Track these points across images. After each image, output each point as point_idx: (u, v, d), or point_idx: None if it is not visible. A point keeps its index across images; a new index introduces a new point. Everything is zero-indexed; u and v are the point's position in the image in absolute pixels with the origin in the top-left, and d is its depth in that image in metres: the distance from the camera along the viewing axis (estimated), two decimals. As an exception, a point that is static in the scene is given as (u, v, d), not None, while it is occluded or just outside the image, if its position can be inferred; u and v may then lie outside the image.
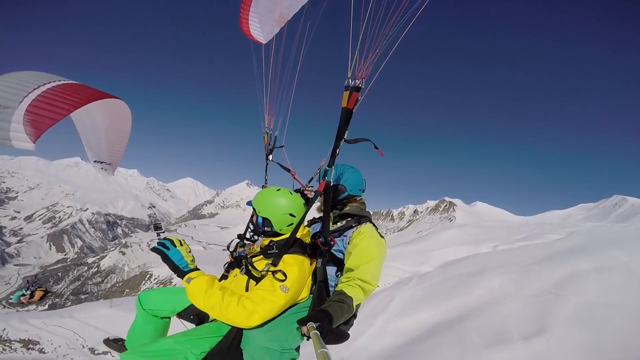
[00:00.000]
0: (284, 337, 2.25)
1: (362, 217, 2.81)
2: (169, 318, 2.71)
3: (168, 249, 2.36)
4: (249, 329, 2.24)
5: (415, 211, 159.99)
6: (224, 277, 2.69)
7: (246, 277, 2.42)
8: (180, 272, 2.30)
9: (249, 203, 2.72)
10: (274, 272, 2.29)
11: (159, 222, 3.74)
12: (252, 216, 2.79)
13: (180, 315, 2.66)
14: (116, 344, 2.91)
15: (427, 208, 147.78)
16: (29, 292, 10.83)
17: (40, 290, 10.95)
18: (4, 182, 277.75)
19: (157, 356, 2.16)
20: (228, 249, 2.83)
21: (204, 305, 2.20)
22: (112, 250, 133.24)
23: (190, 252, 2.44)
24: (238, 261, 2.61)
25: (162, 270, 79.54)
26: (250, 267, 2.44)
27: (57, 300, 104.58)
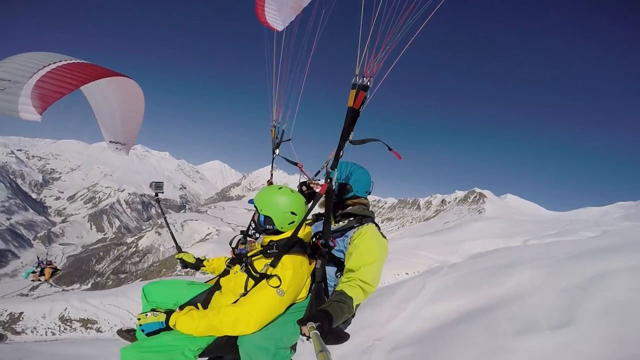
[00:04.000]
0: (278, 336, 2.29)
1: (364, 217, 2.81)
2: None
3: (143, 330, 2.38)
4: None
5: (443, 201, 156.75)
6: (226, 272, 2.74)
7: (245, 276, 2.45)
8: (166, 327, 2.34)
9: (251, 201, 2.73)
10: (269, 277, 2.31)
11: (160, 182, 3.95)
12: (254, 214, 2.82)
13: (182, 308, 2.61)
14: (129, 334, 2.98)
15: (456, 198, 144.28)
16: (39, 269, 10.89)
17: (49, 268, 11.03)
18: (49, 164, 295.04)
19: (155, 351, 2.21)
20: (230, 244, 2.88)
21: (200, 334, 2.27)
22: (149, 231, 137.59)
23: (155, 312, 2.42)
24: (239, 258, 2.64)
25: (196, 251, 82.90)
26: (249, 267, 2.47)
27: (98, 279, 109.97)
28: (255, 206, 2.69)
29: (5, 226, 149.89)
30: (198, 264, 3.32)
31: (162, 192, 3.95)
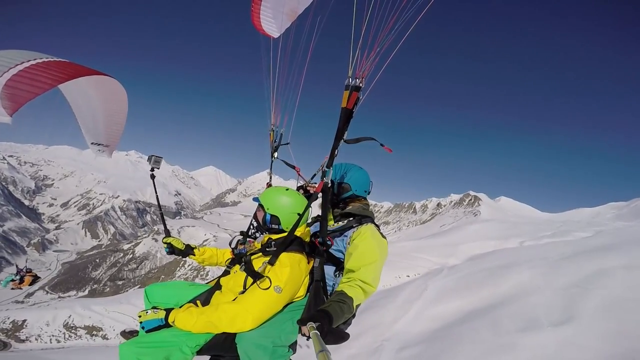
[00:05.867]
0: (276, 334, 2.29)
1: (363, 217, 2.78)
2: None
3: (144, 327, 2.39)
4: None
5: (439, 204, 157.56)
6: (226, 272, 2.76)
7: (245, 274, 2.47)
8: (165, 324, 2.36)
9: (256, 199, 2.73)
10: (262, 278, 2.33)
11: (159, 157, 3.66)
12: (256, 212, 2.80)
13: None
14: (132, 335, 2.91)
15: (451, 202, 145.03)
16: (18, 277, 10.90)
17: (29, 276, 11.03)
18: (41, 170, 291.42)
19: (153, 347, 2.22)
20: (230, 245, 2.90)
21: (199, 331, 2.29)
22: (145, 237, 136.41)
23: (155, 309, 2.43)
24: (239, 258, 2.67)
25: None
26: (248, 265, 2.50)
27: (95, 286, 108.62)
28: (260, 205, 2.71)
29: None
30: (187, 251, 3.24)
31: (159, 168, 3.70)
